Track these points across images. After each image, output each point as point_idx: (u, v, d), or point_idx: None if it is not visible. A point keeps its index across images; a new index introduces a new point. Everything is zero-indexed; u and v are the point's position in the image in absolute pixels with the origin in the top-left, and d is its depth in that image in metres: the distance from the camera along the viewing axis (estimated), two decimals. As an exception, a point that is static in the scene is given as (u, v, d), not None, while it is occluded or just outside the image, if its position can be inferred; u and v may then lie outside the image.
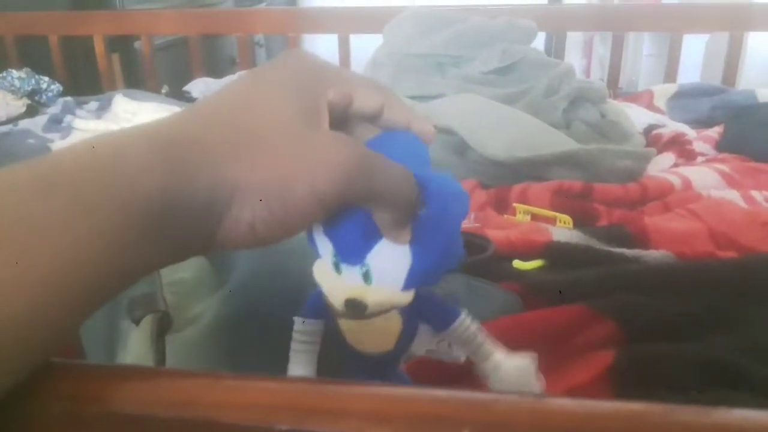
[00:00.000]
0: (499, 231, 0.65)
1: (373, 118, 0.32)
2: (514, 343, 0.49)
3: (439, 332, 0.42)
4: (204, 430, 0.17)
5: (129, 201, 0.22)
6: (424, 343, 0.42)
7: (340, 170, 0.27)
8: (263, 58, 2.17)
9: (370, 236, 0.34)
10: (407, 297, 0.35)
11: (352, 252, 0.34)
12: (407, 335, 0.40)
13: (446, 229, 0.35)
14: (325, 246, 0.35)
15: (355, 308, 0.34)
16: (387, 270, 0.34)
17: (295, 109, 0.28)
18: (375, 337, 0.38)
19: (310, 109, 0.28)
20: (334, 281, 0.35)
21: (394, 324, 0.38)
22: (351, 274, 0.35)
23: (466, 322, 0.41)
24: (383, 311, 0.35)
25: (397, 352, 0.41)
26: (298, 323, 0.38)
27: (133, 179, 0.23)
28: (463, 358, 0.44)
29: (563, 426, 0.16)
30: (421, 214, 0.33)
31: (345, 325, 0.38)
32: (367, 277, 0.34)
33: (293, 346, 0.38)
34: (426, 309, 0.40)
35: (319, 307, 0.39)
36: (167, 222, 0.24)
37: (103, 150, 0.24)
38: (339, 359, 0.40)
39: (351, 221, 0.34)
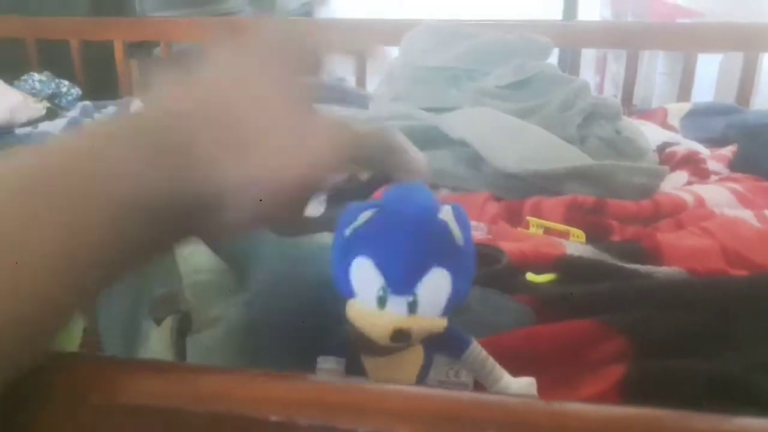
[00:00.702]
0: (511, 243, 0.65)
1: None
2: (525, 355, 0.50)
3: (454, 359, 0.43)
4: (231, 425, 0.17)
5: (114, 200, 0.23)
6: (436, 375, 0.43)
7: (330, 156, 0.28)
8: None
9: (420, 266, 0.35)
10: (444, 323, 0.37)
11: (403, 283, 0.35)
12: (427, 367, 0.41)
13: (472, 252, 0.37)
14: (368, 281, 0.35)
15: (403, 338, 0.35)
16: (431, 298, 0.35)
17: (278, 96, 0.28)
18: (399, 373, 0.39)
19: (292, 93, 0.29)
20: (374, 317, 0.35)
21: (417, 356, 0.40)
22: (396, 306, 0.35)
23: (477, 347, 0.42)
24: (422, 338, 0.36)
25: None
26: (321, 362, 0.38)
27: (117, 179, 0.23)
28: (471, 385, 0.45)
29: (582, 428, 0.17)
30: (462, 239, 0.36)
31: (370, 364, 0.39)
32: (413, 306, 0.35)
33: None
34: (441, 338, 0.41)
35: (341, 345, 0.39)
36: (155, 218, 0.24)
37: (88, 151, 0.24)
38: None
39: (407, 247, 0.35)
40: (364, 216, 0.36)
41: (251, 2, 2.14)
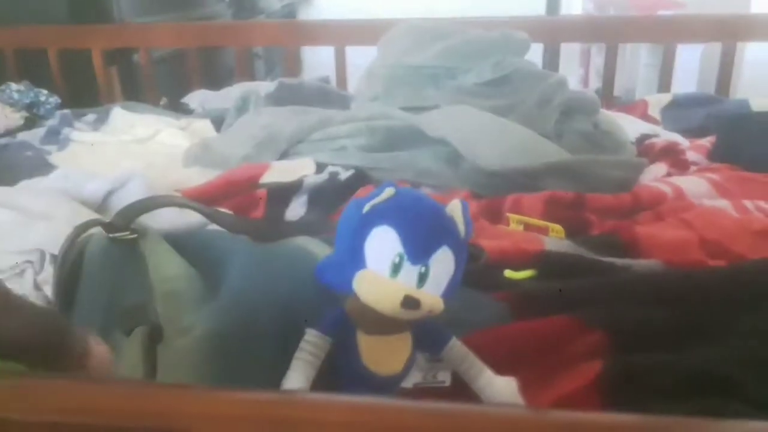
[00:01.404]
0: (491, 240, 0.65)
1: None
2: (503, 352, 0.50)
3: (434, 354, 0.44)
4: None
5: None
6: (412, 377, 0.45)
7: None
8: (262, 69, 2.18)
9: (438, 239, 0.39)
10: (441, 305, 0.40)
11: (420, 251, 0.38)
12: (412, 359, 0.43)
13: (466, 247, 0.42)
14: (386, 249, 0.38)
15: (412, 304, 0.38)
16: (437, 275, 0.39)
17: None
18: (390, 357, 0.42)
19: None
20: (387, 284, 0.39)
21: (407, 344, 0.42)
22: (408, 275, 0.38)
23: (458, 342, 0.44)
24: (427, 313, 0.39)
25: (401, 377, 0.43)
26: (309, 334, 0.41)
27: None
28: (448, 382, 0.46)
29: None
30: (464, 233, 0.40)
31: (365, 343, 0.41)
32: (422, 278, 0.39)
33: (298, 354, 0.40)
34: (422, 332, 0.43)
35: (336, 324, 0.41)
36: None
37: None
38: (342, 382, 0.41)
39: (426, 221, 0.39)
40: (387, 192, 0.40)
41: (232, 5, 2.13)
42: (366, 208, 0.40)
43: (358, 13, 1.67)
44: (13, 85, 1.30)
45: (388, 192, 0.40)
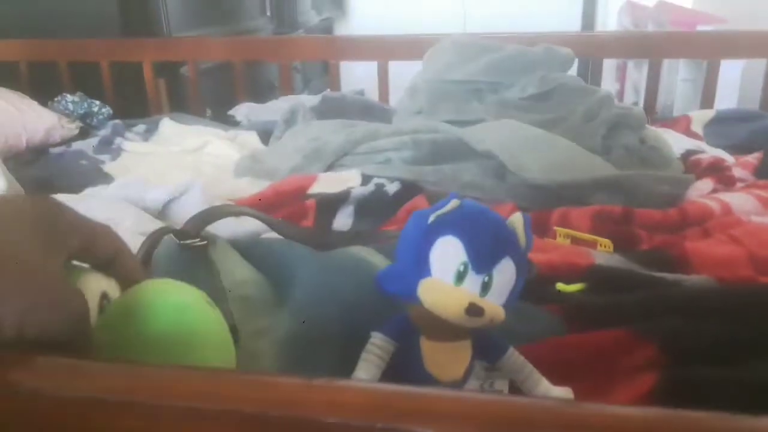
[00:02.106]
0: (540, 254, 0.66)
1: (102, 267, 0.32)
2: (557, 364, 0.51)
3: (492, 362, 0.45)
4: (307, 429, 0.19)
5: None
6: (470, 385, 0.46)
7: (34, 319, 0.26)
8: (299, 83, 2.22)
9: (501, 249, 0.40)
10: (503, 314, 0.41)
11: (484, 261, 0.40)
12: (471, 367, 0.44)
13: (527, 259, 0.43)
14: (451, 258, 0.40)
15: (476, 312, 0.39)
16: (500, 284, 0.40)
17: (30, 246, 0.27)
18: (451, 363, 0.43)
19: (46, 249, 0.28)
20: (451, 292, 0.40)
21: (467, 352, 0.44)
22: (472, 284, 0.40)
23: (515, 352, 0.45)
24: (489, 322, 0.40)
25: (462, 383, 0.44)
26: (376, 337, 0.42)
27: None
28: (505, 391, 0.47)
29: (632, 429, 0.18)
30: (525, 245, 0.41)
31: (428, 349, 0.43)
32: (485, 287, 0.40)
33: (365, 355, 0.41)
34: (481, 341, 0.44)
35: (400, 329, 0.43)
36: None
37: None
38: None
39: (490, 232, 0.41)
40: (453, 204, 0.41)
41: (273, 20, 2.18)
42: (431, 218, 0.42)
43: (392, 28, 1.70)
44: (69, 96, 1.35)
45: (454, 203, 0.42)
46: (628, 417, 0.20)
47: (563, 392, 0.46)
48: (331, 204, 0.86)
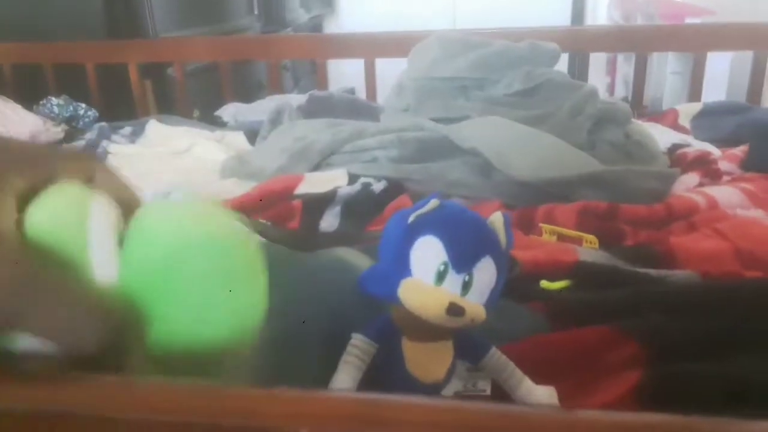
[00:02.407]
0: (525, 251, 0.66)
1: None
2: (541, 363, 0.50)
3: (474, 362, 0.45)
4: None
5: None
6: (453, 385, 0.46)
7: None
8: (289, 81, 2.21)
9: (481, 248, 0.40)
10: (484, 314, 0.41)
11: (464, 260, 0.40)
12: (453, 367, 0.44)
13: (508, 259, 0.43)
14: (431, 258, 0.40)
15: (457, 311, 0.39)
16: (480, 284, 0.40)
17: None
18: (433, 365, 0.43)
19: None
20: (431, 292, 0.40)
21: (449, 352, 0.44)
22: (452, 283, 0.40)
23: (497, 352, 0.45)
24: (470, 322, 0.40)
25: (443, 384, 0.44)
26: (357, 339, 0.42)
27: None
28: (488, 391, 0.47)
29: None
30: (506, 245, 0.41)
31: (409, 349, 0.43)
32: (466, 286, 0.40)
33: (345, 358, 0.41)
34: (463, 341, 0.44)
35: (381, 330, 0.43)
36: None
37: None
38: (385, 388, 0.43)
39: (470, 231, 0.41)
40: (432, 204, 0.41)
41: (261, 18, 2.17)
42: (411, 218, 0.41)
43: (382, 24, 1.69)
44: (54, 99, 1.34)
45: (433, 203, 0.41)
46: (595, 422, 0.19)
47: (546, 392, 0.46)
48: (317, 204, 0.86)
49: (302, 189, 0.90)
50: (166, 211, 0.30)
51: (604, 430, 0.19)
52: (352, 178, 0.92)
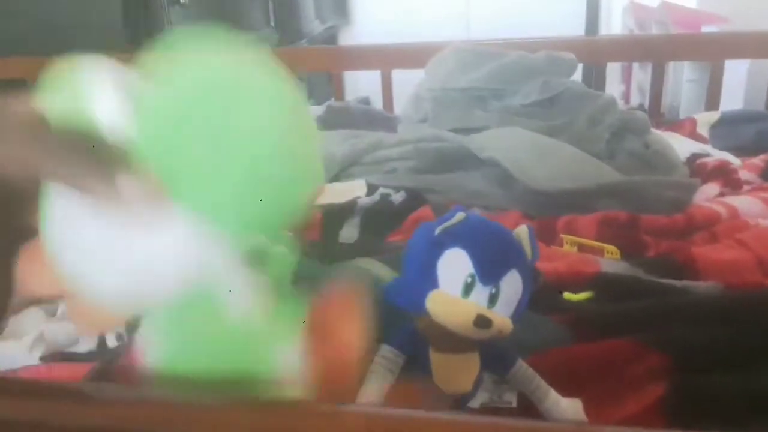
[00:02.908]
0: (546, 262, 0.66)
1: None
2: (565, 374, 0.51)
3: (501, 375, 0.46)
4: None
5: None
6: (479, 397, 0.46)
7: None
8: (305, 93, 2.23)
9: (508, 262, 0.41)
10: (511, 326, 0.41)
11: (491, 273, 0.40)
12: (479, 380, 0.44)
13: (533, 272, 0.43)
14: (458, 270, 0.40)
15: (484, 323, 0.40)
16: (507, 296, 0.41)
17: None
18: (460, 376, 0.44)
19: None
20: (458, 304, 0.40)
21: (475, 363, 0.44)
22: (479, 295, 0.40)
23: (524, 364, 0.45)
24: (497, 334, 0.40)
25: (470, 396, 0.44)
26: (385, 350, 0.43)
27: None
28: (514, 403, 0.47)
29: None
30: (531, 257, 0.41)
31: (437, 361, 0.43)
32: (492, 299, 0.41)
33: (374, 368, 0.42)
34: (489, 353, 0.44)
35: (409, 342, 0.43)
36: None
37: None
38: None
39: (496, 244, 0.41)
40: (459, 217, 0.42)
41: (277, 30, 2.19)
42: (438, 231, 0.42)
43: (397, 32, 1.70)
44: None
45: (459, 216, 0.42)
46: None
47: (572, 404, 0.46)
48: (337, 215, 0.86)
49: (321, 200, 0.91)
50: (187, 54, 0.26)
51: None
52: (371, 189, 0.93)
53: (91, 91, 0.25)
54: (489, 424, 0.20)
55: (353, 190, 0.93)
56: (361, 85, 1.95)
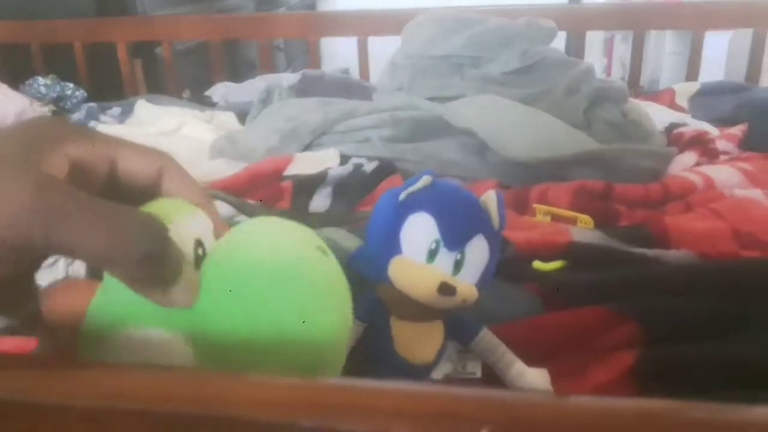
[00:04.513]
0: (518, 232, 0.65)
1: (148, 188, 0.28)
2: (534, 344, 0.49)
3: (465, 344, 0.44)
4: (229, 428, 0.17)
5: None
6: (443, 367, 0.45)
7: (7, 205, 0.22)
8: (283, 61, 2.18)
9: (474, 226, 0.39)
10: (476, 294, 0.40)
11: (457, 238, 0.39)
12: (444, 349, 0.43)
13: (500, 239, 0.42)
14: (423, 235, 0.39)
15: (448, 291, 0.38)
16: (472, 263, 0.39)
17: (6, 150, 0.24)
18: (422, 346, 0.42)
19: (24, 153, 0.24)
20: (423, 270, 0.39)
21: (439, 333, 0.42)
22: (444, 262, 0.39)
23: (488, 333, 0.44)
24: (461, 302, 0.39)
25: (433, 366, 0.43)
26: None
27: None
28: (479, 374, 0.46)
29: (582, 423, 0.17)
30: (498, 224, 0.40)
31: (398, 329, 0.41)
32: (458, 265, 0.39)
33: None
34: (453, 322, 0.43)
35: (370, 310, 0.42)
36: None
37: None
38: (373, 369, 0.42)
39: (462, 208, 0.40)
40: (425, 180, 0.40)
41: (253, -3, 2.13)
42: (402, 195, 0.40)
43: (376, 3, 1.66)
44: (41, 79, 1.32)
45: (425, 180, 0.40)
46: (564, 409, 0.18)
47: (538, 374, 0.45)
48: (307, 185, 0.84)
49: (292, 170, 0.88)
50: (247, 228, 0.30)
51: (579, 416, 0.17)
52: (344, 159, 0.90)
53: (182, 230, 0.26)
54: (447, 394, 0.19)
55: (325, 160, 0.91)
56: (340, 55, 1.91)
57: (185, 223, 0.26)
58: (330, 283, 0.29)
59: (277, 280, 0.26)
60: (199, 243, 0.26)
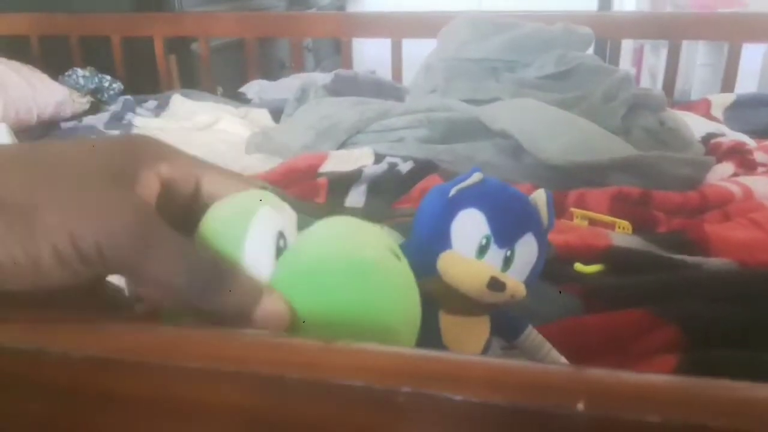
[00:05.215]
0: (557, 234, 0.65)
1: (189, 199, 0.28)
2: (575, 345, 0.50)
3: (510, 340, 0.44)
4: (327, 392, 0.18)
5: None
6: None
7: (99, 229, 0.22)
8: (311, 62, 2.20)
9: (524, 224, 0.39)
10: (524, 290, 0.40)
11: (507, 235, 0.39)
12: (489, 344, 0.43)
13: (547, 238, 0.41)
14: (473, 231, 0.39)
15: (498, 286, 0.38)
16: (521, 261, 0.39)
17: (100, 168, 0.24)
18: (469, 339, 0.42)
19: (121, 170, 0.25)
20: (473, 265, 0.39)
21: (485, 327, 0.42)
22: (494, 258, 0.39)
23: (534, 331, 0.44)
24: (510, 298, 0.39)
25: None
26: None
27: None
28: None
29: (669, 398, 0.17)
30: (547, 223, 0.40)
31: (447, 323, 0.41)
32: (507, 261, 0.39)
33: None
34: (500, 318, 0.43)
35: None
36: None
37: None
38: None
39: (513, 206, 0.40)
40: (476, 177, 0.40)
41: (285, -3, 2.15)
42: (453, 191, 0.40)
43: (407, 5, 1.67)
44: (79, 71, 1.34)
45: (476, 177, 0.40)
46: (652, 385, 0.19)
47: None
48: (343, 182, 0.85)
49: (327, 167, 0.89)
50: (321, 228, 0.30)
51: (666, 392, 0.18)
52: (378, 158, 0.91)
53: (251, 229, 0.26)
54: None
55: (360, 158, 0.92)
56: (368, 57, 1.92)
57: (269, 215, 0.27)
58: (401, 286, 0.29)
59: (354, 274, 0.27)
60: (281, 235, 0.27)
